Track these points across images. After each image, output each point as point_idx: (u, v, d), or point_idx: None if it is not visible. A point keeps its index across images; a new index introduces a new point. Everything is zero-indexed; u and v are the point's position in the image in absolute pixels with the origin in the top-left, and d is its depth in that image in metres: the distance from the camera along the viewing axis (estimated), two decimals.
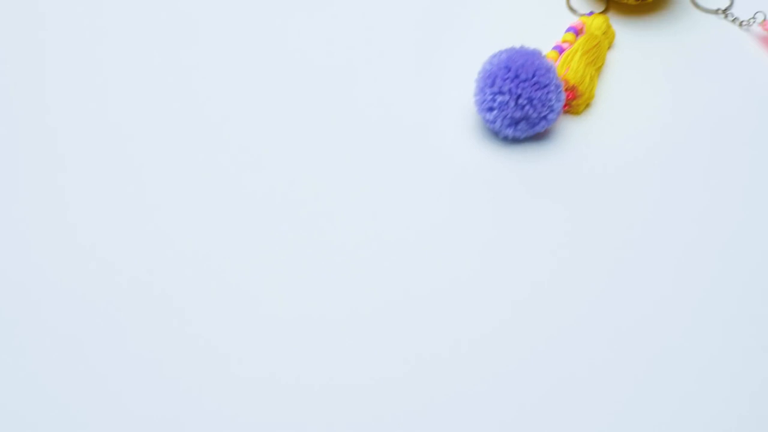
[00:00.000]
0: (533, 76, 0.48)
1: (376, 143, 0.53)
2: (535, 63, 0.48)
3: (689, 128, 0.53)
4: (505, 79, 0.48)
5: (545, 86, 0.48)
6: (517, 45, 0.52)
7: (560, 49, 0.55)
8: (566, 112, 0.53)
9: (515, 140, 0.51)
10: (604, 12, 0.59)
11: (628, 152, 0.52)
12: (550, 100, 0.49)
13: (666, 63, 0.57)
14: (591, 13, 0.58)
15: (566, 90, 0.52)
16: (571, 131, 0.53)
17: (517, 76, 0.48)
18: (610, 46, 0.57)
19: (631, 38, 0.58)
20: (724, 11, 0.59)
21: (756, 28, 0.58)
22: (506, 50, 0.50)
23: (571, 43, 0.56)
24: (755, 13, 0.58)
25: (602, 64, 0.55)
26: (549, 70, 0.49)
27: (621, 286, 0.46)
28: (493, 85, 0.49)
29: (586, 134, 0.53)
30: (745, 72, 0.56)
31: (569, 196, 0.50)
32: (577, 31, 0.57)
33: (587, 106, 0.53)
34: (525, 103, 0.48)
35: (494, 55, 0.50)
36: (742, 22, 0.58)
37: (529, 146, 0.52)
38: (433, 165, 0.51)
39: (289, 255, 0.47)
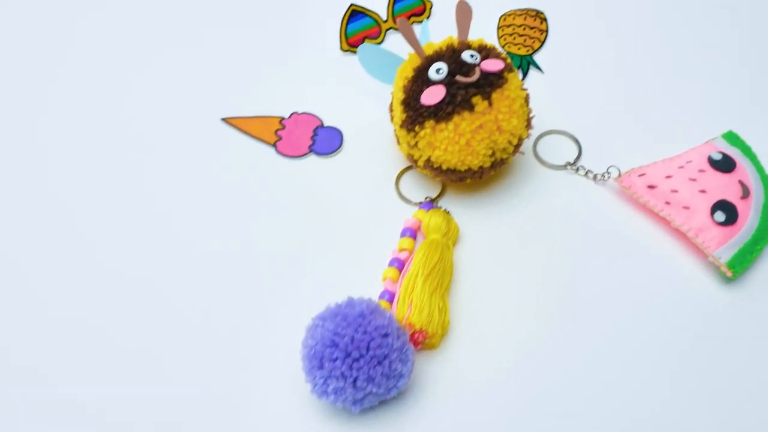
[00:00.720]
0: (368, 350, 0.38)
1: (202, 414, 0.42)
2: (367, 331, 0.38)
3: (563, 322, 0.45)
4: (334, 361, 0.38)
5: (385, 358, 0.38)
6: (344, 288, 0.42)
7: (399, 264, 0.46)
8: (421, 349, 0.43)
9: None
10: (440, 194, 0.50)
11: (498, 386, 0.43)
12: (395, 371, 0.39)
13: (524, 237, 0.48)
14: (428, 204, 0.49)
15: (414, 334, 0.42)
16: (430, 370, 0.43)
17: (348, 355, 0.38)
18: (454, 244, 0.47)
19: (478, 218, 0.49)
20: (573, 164, 0.51)
21: (611, 182, 0.50)
22: (330, 315, 0.40)
23: (410, 252, 0.47)
24: (608, 168, 0.50)
25: (450, 279, 0.45)
26: (386, 334, 0.39)
27: None
28: (321, 367, 0.38)
29: (447, 370, 0.43)
30: (613, 234, 0.48)
31: None
32: (414, 233, 0.47)
33: (443, 335, 0.44)
34: (365, 384, 0.38)
35: (315, 324, 0.40)
36: (596, 175, 0.50)
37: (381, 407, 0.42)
38: None
39: None
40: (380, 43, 0.58)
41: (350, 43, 0.58)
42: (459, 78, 0.44)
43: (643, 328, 0.44)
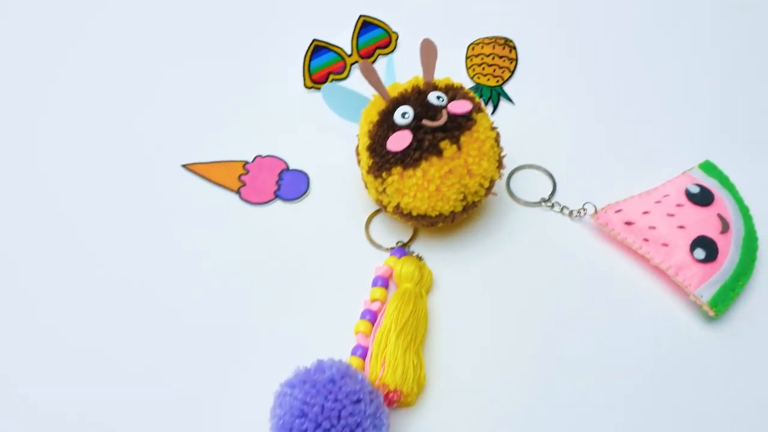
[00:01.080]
0: (339, 420, 0.36)
1: None
2: (338, 399, 0.37)
3: (542, 369, 0.43)
4: None
5: (357, 426, 0.37)
6: (315, 343, 0.41)
7: (371, 316, 0.44)
8: (396, 407, 0.42)
9: None
10: (412, 238, 0.48)
11: None
12: None
13: (500, 279, 0.47)
14: (399, 250, 0.47)
15: (388, 394, 0.40)
16: (407, 429, 0.41)
17: (318, 426, 0.36)
18: (428, 292, 0.46)
19: (452, 261, 0.47)
20: (548, 200, 0.49)
21: (588, 219, 0.49)
22: (298, 382, 0.38)
23: (382, 302, 0.45)
24: (584, 204, 0.49)
25: (424, 331, 0.43)
26: (358, 400, 0.37)
27: None
28: None
29: (424, 428, 0.41)
30: (591, 273, 0.47)
31: None
32: (385, 282, 0.46)
33: (419, 393, 0.42)
34: None
35: (284, 392, 0.38)
36: (572, 212, 0.49)
37: None
38: None
39: None
40: (345, 77, 0.56)
41: (314, 79, 0.56)
42: (425, 122, 0.42)
43: (626, 370, 0.43)
